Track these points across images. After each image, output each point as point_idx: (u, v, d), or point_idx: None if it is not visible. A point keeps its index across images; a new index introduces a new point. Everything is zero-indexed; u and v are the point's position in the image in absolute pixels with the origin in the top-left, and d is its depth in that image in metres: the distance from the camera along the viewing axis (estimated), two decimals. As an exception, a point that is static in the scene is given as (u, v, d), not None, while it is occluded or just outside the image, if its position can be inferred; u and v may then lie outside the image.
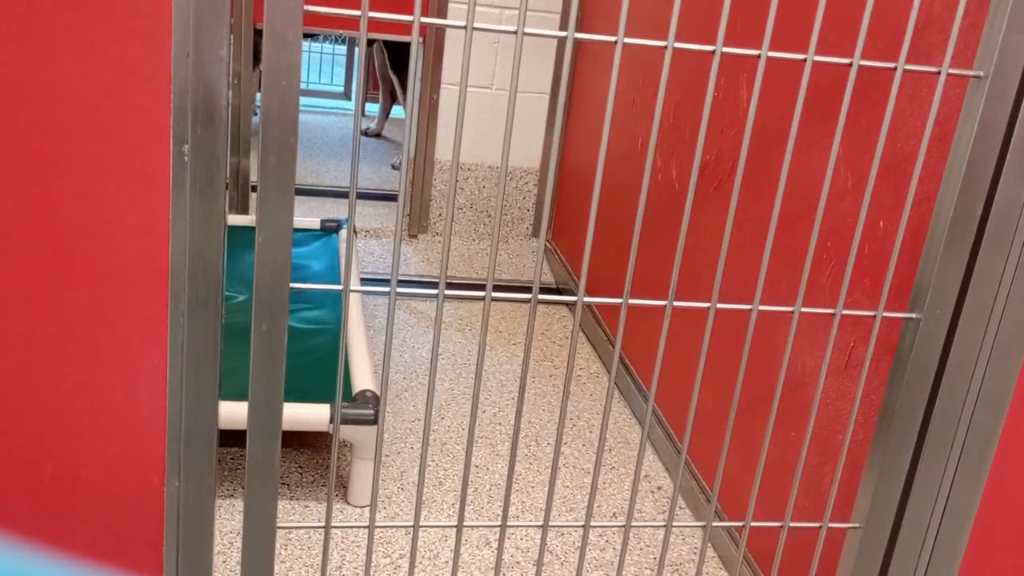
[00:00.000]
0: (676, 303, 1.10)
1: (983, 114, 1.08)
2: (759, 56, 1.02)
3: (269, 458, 1.10)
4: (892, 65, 1.04)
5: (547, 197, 1.13)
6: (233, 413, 1.26)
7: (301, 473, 2.16)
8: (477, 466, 2.26)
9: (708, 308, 1.12)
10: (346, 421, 1.94)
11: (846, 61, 1.03)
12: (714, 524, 1.20)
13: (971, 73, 1.08)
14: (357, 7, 0.96)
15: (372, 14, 0.96)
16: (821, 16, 1.01)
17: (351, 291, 1.01)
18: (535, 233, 3.79)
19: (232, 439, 1.42)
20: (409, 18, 0.97)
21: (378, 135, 5.09)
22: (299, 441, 2.28)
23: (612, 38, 0.98)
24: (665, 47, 1.00)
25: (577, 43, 3.50)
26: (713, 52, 1.02)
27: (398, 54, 4.57)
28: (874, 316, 1.16)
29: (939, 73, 1.06)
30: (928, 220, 1.17)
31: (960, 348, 1.18)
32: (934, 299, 1.16)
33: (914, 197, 1.12)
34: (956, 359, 1.19)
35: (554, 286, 3.43)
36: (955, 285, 1.16)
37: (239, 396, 1.11)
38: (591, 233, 1.06)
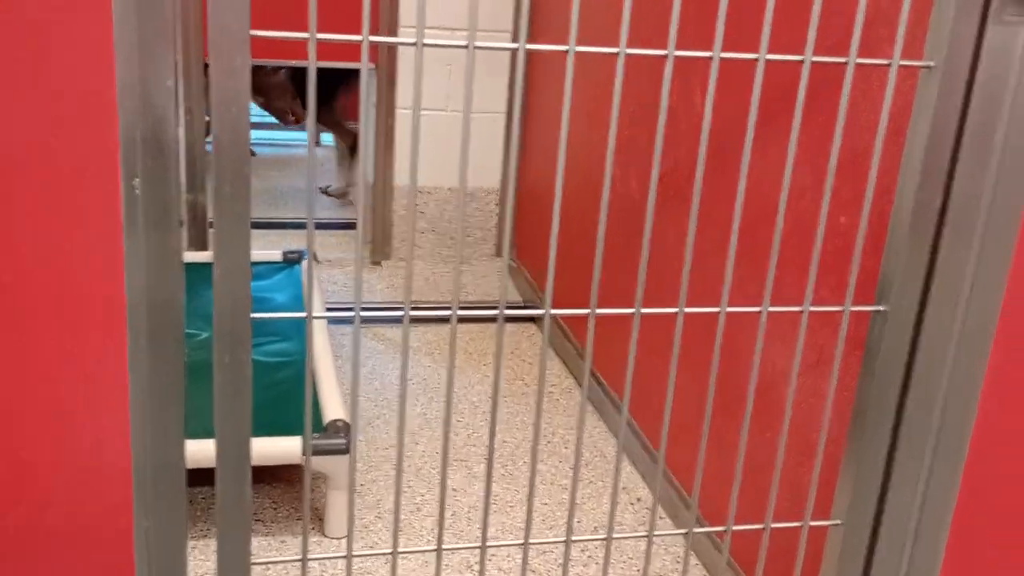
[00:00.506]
0: (644, 310, 1.09)
1: (936, 104, 1.09)
2: (712, 58, 1.02)
3: (239, 494, 1.08)
4: (843, 60, 1.05)
5: (507, 214, 1.12)
6: (203, 451, 1.23)
7: (276, 508, 2.13)
8: (455, 489, 2.24)
9: (676, 313, 1.11)
10: (317, 452, 1.91)
11: (798, 58, 1.04)
12: (695, 531, 1.19)
13: (922, 64, 1.08)
14: (303, 40, 0.95)
15: (320, 36, 0.94)
16: (771, 15, 1.01)
17: (313, 317, 1.00)
18: (499, 253, 3.78)
19: (207, 477, 1.40)
20: (358, 38, 0.96)
21: (344, 196, 4.46)
22: (273, 475, 2.24)
23: (563, 47, 0.98)
24: (617, 54, 0.99)
25: (531, 60, 3.51)
26: (665, 57, 1.01)
27: (326, 87, 4.15)
28: (842, 311, 1.16)
29: (890, 65, 1.06)
30: (889, 213, 1.18)
31: (929, 338, 1.18)
32: (900, 291, 1.16)
33: (874, 191, 1.12)
34: (925, 350, 1.19)
35: (521, 304, 3.42)
36: (920, 276, 1.16)
37: (209, 434, 1.08)
38: (554, 243, 1.05)
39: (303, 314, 1.02)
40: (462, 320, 1.07)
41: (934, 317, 1.17)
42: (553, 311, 1.08)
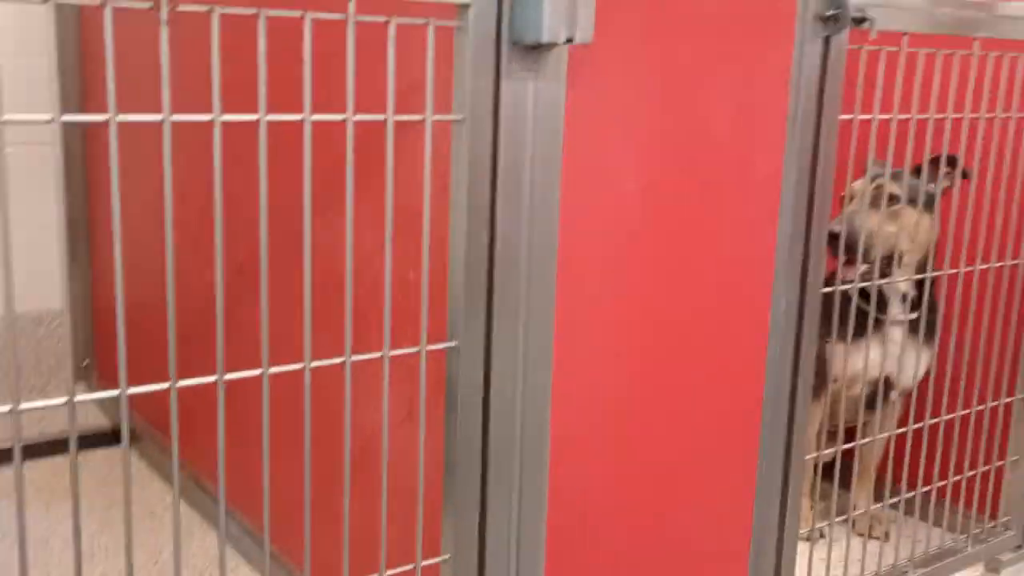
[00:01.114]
0: (226, 376, 1.08)
1: (469, 153, 1.21)
2: (258, 121, 1.05)
3: None
4: (381, 117, 1.13)
5: (73, 330, 1.06)
6: None
7: None
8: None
9: (260, 376, 1.12)
10: None
11: (339, 118, 1.10)
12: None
13: (452, 118, 1.20)
14: None
15: None
16: (310, 79, 1.07)
17: None
18: (80, 377, 3.50)
19: None
20: None
21: None
22: None
23: (103, 116, 0.96)
24: (161, 122, 0.99)
25: (97, 163, 3.32)
26: (212, 122, 1.03)
27: None
28: (418, 352, 1.23)
29: (424, 121, 1.17)
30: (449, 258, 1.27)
31: (498, 368, 1.29)
32: (466, 327, 1.26)
33: (435, 239, 1.21)
34: (497, 379, 1.29)
35: (110, 428, 3.18)
36: (481, 311, 1.27)
37: None
38: (121, 311, 1.01)
39: None
40: (46, 453, 0.99)
41: (499, 348, 1.28)
42: (129, 391, 1.03)
